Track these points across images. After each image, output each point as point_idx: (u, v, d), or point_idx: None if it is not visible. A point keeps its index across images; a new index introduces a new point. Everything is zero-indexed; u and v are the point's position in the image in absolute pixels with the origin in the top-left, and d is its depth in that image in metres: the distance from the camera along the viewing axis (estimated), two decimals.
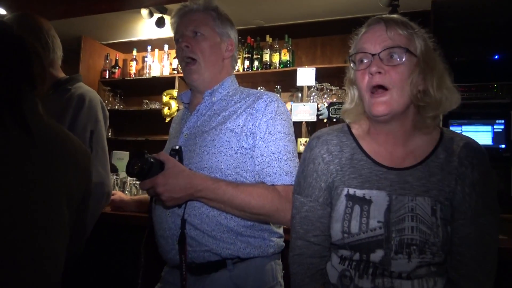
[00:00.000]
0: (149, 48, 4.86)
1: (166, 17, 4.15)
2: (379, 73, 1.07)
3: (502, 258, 1.09)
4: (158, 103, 4.77)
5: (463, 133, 3.45)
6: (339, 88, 4.00)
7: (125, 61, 5.20)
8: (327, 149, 1.19)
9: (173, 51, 4.69)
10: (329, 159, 1.18)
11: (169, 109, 4.53)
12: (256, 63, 4.31)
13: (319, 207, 1.17)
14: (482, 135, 3.41)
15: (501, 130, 3.36)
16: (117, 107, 4.98)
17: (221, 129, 1.37)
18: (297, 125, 4.10)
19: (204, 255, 1.32)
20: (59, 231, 1.09)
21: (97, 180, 1.66)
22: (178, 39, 1.49)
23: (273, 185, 1.33)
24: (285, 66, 4.21)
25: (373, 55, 1.09)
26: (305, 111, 3.95)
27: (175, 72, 4.69)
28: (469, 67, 3.59)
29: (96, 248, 1.80)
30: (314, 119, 3.89)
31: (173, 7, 3.85)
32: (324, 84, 4.04)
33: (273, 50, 4.28)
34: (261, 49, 4.34)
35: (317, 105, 3.93)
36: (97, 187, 1.66)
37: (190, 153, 1.38)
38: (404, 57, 1.07)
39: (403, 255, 1.05)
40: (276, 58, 4.25)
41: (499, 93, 3.32)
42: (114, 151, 3.15)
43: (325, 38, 4.40)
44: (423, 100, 1.09)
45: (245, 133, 1.35)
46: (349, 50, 1.18)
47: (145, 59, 4.95)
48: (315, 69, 3.96)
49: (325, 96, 4.01)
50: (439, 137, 1.15)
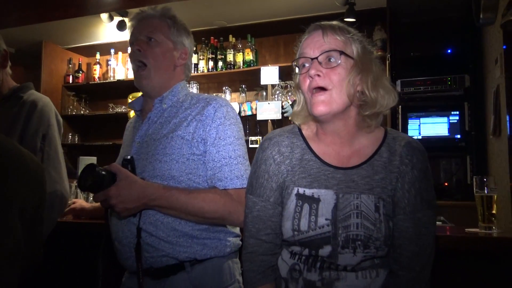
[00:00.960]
0: (112, 51, 4.82)
1: (127, 20, 4.13)
2: (318, 75, 1.14)
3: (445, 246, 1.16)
4: (124, 107, 4.74)
5: (421, 125, 3.60)
6: None
7: (88, 65, 5.15)
8: (278, 150, 1.24)
9: None
10: (280, 160, 1.23)
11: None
12: (220, 64, 4.35)
13: (270, 207, 1.22)
14: (438, 126, 3.55)
15: (456, 121, 3.50)
16: (82, 112, 4.92)
17: (172, 137, 1.40)
18: (263, 123, 4.16)
19: (161, 260, 1.36)
20: (11, 246, 1.10)
21: (49, 183, 1.65)
22: (132, 42, 1.52)
23: (225, 189, 1.37)
24: (249, 65, 4.26)
25: (312, 59, 1.15)
26: (270, 109, 4.01)
27: None
28: (425, 62, 3.72)
29: (55, 257, 1.81)
30: (279, 117, 3.96)
31: (135, 10, 3.84)
32: (288, 82, 4.11)
33: (236, 50, 4.32)
34: (225, 49, 4.38)
35: (282, 103, 4.00)
36: (49, 191, 1.65)
37: (142, 162, 1.41)
38: (340, 59, 1.14)
39: (349, 250, 1.11)
40: (239, 57, 4.29)
41: (453, 85, 3.45)
42: (81, 157, 3.12)
43: (287, 36, 4.46)
44: (361, 99, 1.16)
45: (196, 140, 1.39)
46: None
47: (109, 63, 4.91)
48: (278, 67, 4.02)
49: (289, 93, 4.08)
50: (383, 136, 1.22)
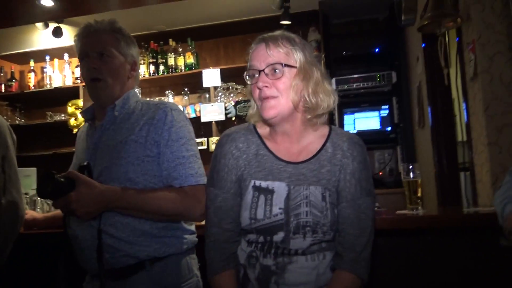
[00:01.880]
0: (47, 58, 4.67)
1: (63, 26, 4.05)
2: (266, 86, 1.26)
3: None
4: (63, 115, 4.63)
5: (356, 119, 3.85)
6: (244, 86, 4.19)
7: (22, 73, 4.95)
8: (235, 146, 1.35)
9: (74, 60, 4.57)
10: (238, 155, 1.34)
11: (76, 119, 4.43)
12: (161, 68, 4.38)
13: (231, 198, 1.33)
14: (371, 120, 3.82)
15: (386, 114, 3.79)
16: (17, 122, 4.72)
17: (126, 142, 1.47)
18: (207, 125, 4.25)
19: (122, 260, 1.42)
20: None
21: (12, 203, 1.68)
22: (83, 58, 1.55)
23: (181, 187, 1.46)
24: (191, 68, 4.33)
25: (259, 71, 1.27)
26: (213, 111, 4.11)
27: (78, 81, 4.58)
28: (356, 60, 3.99)
29: (14, 270, 1.81)
30: (222, 118, 4.07)
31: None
32: (229, 83, 4.23)
33: (177, 53, 4.37)
34: (165, 53, 4.41)
35: (225, 105, 4.11)
36: (12, 211, 1.69)
37: (98, 167, 1.46)
38: (284, 70, 1.26)
39: (300, 235, 1.24)
40: (181, 61, 4.35)
41: (382, 82, 3.74)
42: (19, 168, 3.05)
43: (227, 39, 4.57)
44: (305, 104, 1.29)
45: (149, 143, 1.47)
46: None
47: (45, 70, 4.75)
48: (219, 69, 4.13)
49: (232, 95, 4.21)
50: (327, 133, 1.36)
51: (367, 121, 3.83)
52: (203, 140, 4.20)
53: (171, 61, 4.36)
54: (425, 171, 3.21)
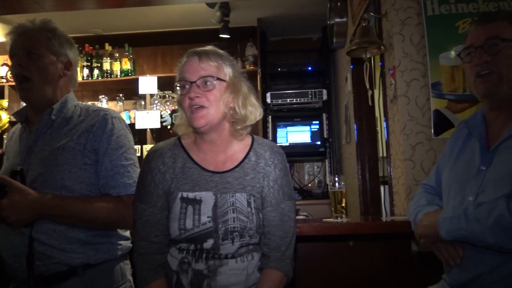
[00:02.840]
0: None
1: None
2: (198, 97, 1.31)
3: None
4: None
5: (288, 133, 4.03)
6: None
7: None
8: (162, 161, 1.39)
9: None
10: (164, 170, 1.39)
11: None
12: (96, 72, 4.27)
13: (158, 211, 1.36)
14: (303, 134, 4.03)
15: (316, 129, 4.01)
16: None
17: (64, 148, 1.44)
18: (142, 132, 4.20)
19: (54, 267, 1.39)
20: None
21: None
22: (12, 56, 1.52)
23: (118, 196, 1.47)
24: (127, 74, 4.27)
25: (191, 82, 1.32)
26: (149, 119, 4.08)
27: (4, 80, 4.33)
28: (290, 76, 4.19)
29: None
30: (158, 126, 4.06)
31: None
32: (166, 92, 4.23)
33: (113, 58, 4.30)
34: (101, 57, 4.32)
35: (161, 112, 4.10)
36: None
37: (32, 173, 1.43)
38: (215, 83, 1.33)
39: (228, 241, 1.31)
40: (116, 66, 4.28)
41: (313, 98, 3.96)
42: None
43: (165, 47, 4.57)
44: (233, 116, 1.37)
45: (88, 150, 1.46)
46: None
47: None
48: (156, 77, 4.12)
49: (168, 103, 4.21)
50: (251, 143, 1.45)
51: (299, 134, 4.02)
52: (137, 147, 4.15)
53: (107, 66, 4.28)
54: (350, 183, 3.45)
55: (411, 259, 1.87)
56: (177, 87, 1.37)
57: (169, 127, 4.09)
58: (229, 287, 1.31)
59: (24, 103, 1.63)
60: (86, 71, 4.27)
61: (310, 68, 4.11)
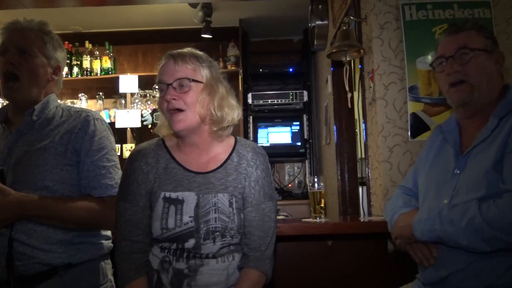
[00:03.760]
0: None
1: None
2: (174, 99, 1.33)
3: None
4: None
5: (269, 133, 4.06)
6: None
7: None
8: (145, 161, 1.41)
9: None
10: (147, 170, 1.40)
11: None
12: (75, 70, 4.22)
13: (140, 211, 1.37)
14: (283, 135, 4.06)
15: (297, 130, 4.06)
16: None
17: (45, 149, 1.44)
18: (122, 131, 4.18)
19: (34, 267, 1.38)
20: None
21: None
22: (4, 53, 1.50)
23: (100, 197, 1.47)
24: (107, 73, 4.23)
25: (167, 85, 1.34)
26: (129, 118, 4.05)
27: None
28: (272, 77, 4.22)
29: None
30: (138, 125, 4.03)
31: None
32: (147, 91, 4.21)
33: (93, 56, 4.25)
34: (81, 55, 4.27)
35: (141, 112, 4.08)
36: None
37: (13, 173, 1.42)
38: (191, 85, 1.35)
39: (210, 241, 1.33)
40: (96, 64, 4.23)
41: (294, 99, 4.00)
42: None
43: (146, 46, 4.55)
44: (210, 117, 1.39)
45: (69, 151, 1.46)
46: None
47: None
48: (137, 76, 4.09)
49: (149, 102, 4.19)
50: (233, 144, 1.47)
51: (279, 135, 4.05)
52: (117, 146, 4.12)
53: (86, 64, 4.23)
54: (330, 184, 3.49)
55: (387, 259, 1.92)
56: (156, 89, 1.39)
57: (150, 126, 4.07)
58: (209, 287, 1.33)
59: (4, 102, 1.61)
60: (65, 69, 4.20)
61: (291, 69, 4.15)
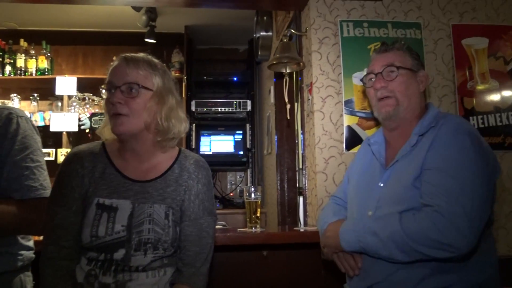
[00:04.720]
0: None
1: None
2: (120, 103, 1.29)
3: None
4: None
5: (212, 141, 4.03)
6: (101, 98, 4.07)
7: None
8: (81, 165, 1.34)
9: None
10: (83, 173, 1.34)
11: None
12: (8, 68, 3.98)
13: (72, 215, 1.31)
14: (226, 143, 4.05)
15: (240, 139, 4.06)
16: None
17: None
18: (57, 135, 3.99)
19: None
20: None
21: None
22: None
23: (21, 199, 1.39)
24: (43, 73, 4.03)
25: (116, 87, 1.31)
26: (65, 121, 3.88)
27: None
28: (216, 85, 4.21)
29: None
30: (75, 129, 3.87)
31: None
32: (86, 94, 4.05)
33: (28, 55, 4.03)
34: (14, 53, 4.03)
35: (79, 115, 3.92)
36: None
37: None
38: (140, 91, 1.31)
39: (141, 252, 1.28)
40: (32, 64, 4.02)
41: (238, 109, 4.01)
42: None
43: (87, 47, 4.38)
44: (156, 127, 1.35)
45: None
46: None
47: None
48: (76, 78, 3.93)
49: (87, 106, 4.03)
50: (176, 155, 1.43)
51: (222, 144, 4.04)
52: (51, 151, 3.93)
53: (20, 63, 4.00)
54: (270, 193, 3.53)
55: (321, 268, 1.96)
56: (103, 90, 1.35)
57: (87, 130, 3.92)
58: None
59: None
60: None
61: (236, 78, 4.16)
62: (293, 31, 2.37)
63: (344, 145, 2.15)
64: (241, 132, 4.05)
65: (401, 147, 1.41)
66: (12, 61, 4.00)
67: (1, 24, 3.95)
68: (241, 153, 4.03)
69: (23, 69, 4.01)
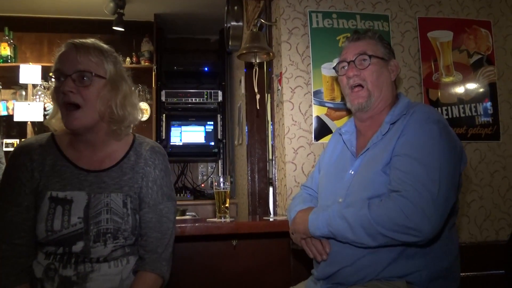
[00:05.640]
0: None
1: None
2: (72, 92, 1.23)
3: None
4: None
5: (183, 132, 4.00)
6: None
7: None
8: (30, 158, 1.30)
9: None
10: (32, 167, 1.29)
11: None
12: None
13: (24, 211, 1.27)
14: (197, 134, 4.02)
15: (211, 130, 4.04)
16: None
17: None
18: (22, 125, 3.87)
19: None
20: None
21: None
22: None
23: None
24: (6, 61, 3.89)
25: (67, 75, 1.24)
26: (30, 111, 3.77)
27: None
28: (187, 75, 4.16)
29: None
30: (40, 119, 3.76)
31: None
32: (51, 83, 3.93)
33: None
34: None
35: (44, 105, 3.81)
36: None
37: None
38: (92, 79, 1.26)
39: (100, 243, 1.25)
40: None
41: (209, 99, 3.98)
42: None
43: (52, 35, 4.23)
44: (111, 115, 1.31)
45: None
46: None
47: None
48: (41, 66, 3.82)
49: None
50: (131, 142, 1.41)
51: (193, 134, 4.01)
52: (15, 141, 3.81)
53: None
54: (241, 184, 3.53)
55: (290, 256, 1.98)
56: (52, 79, 1.29)
57: (45, 123, 3.80)
58: None
59: None
60: None
61: (206, 68, 4.12)
62: (263, 21, 2.37)
63: (313, 136, 2.17)
64: (212, 122, 4.03)
65: (373, 136, 1.43)
66: None
67: None
68: (212, 144, 4.01)
69: None
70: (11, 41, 3.95)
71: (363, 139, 1.50)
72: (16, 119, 3.76)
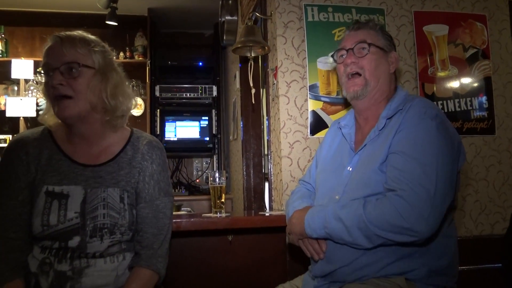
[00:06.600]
0: None
1: None
2: (61, 84, 1.22)
3: None
4: None
5: (177, 127, 3.97)
6: None
7: None
8: (26, 151, 1.28)
9: None
10: (28, 161, 1.28)
11: None
12: None
13: (19, 205, 1.25)
14: (191, 129, 4.00)
15: (206, 125, 4.02)
16: None
17: None
18: (14, 121, 3.83)
19: None
20: None
21: None
22: None
23: None
24: None
25: (54, 69, 1.23)
26: (22, 106, 3.73)
27: None
28: (181, 70, 4.13)
29: None
30: (33, 114, 3.72)
31: None
32: (42, 77, 3.89)
33: None
34: None
35: (37, 100, 3.77)
36: None
37: None
38: (81, 71, 1.25)
39: (97, 238, 1.24)
40: None
41: (204, 94, 3.96)
42: None
43: (45, 29, 4.17)
44: (103, 106, 1.30)
45: None
46: None
47: None
48: (33, 61, 3.78)
49: None
50: (128, 136, 1.39)
51: (188, 130, 3.99)
52: (7, 137, 3.77)
53: None
54: (237, 179, 3.52)
55: (286, 251, 1.97)
56: (41, 74, 1.28)
57: (39, 119, 3.77)
58: None
59: None
60: None
61: (201, 63, 4.10)
62: (258, 14, 2.35)
63: (308, 130, 2.16)
64: (207, 118, 4.01)
65: (370, 131, 1.41)
66: None
67: None
68: (207, 139, 3.99)
69: None
70: (3, 35, 3.90)
71: (361, 133, 1.48)
72: (8, 114, 3.72)
